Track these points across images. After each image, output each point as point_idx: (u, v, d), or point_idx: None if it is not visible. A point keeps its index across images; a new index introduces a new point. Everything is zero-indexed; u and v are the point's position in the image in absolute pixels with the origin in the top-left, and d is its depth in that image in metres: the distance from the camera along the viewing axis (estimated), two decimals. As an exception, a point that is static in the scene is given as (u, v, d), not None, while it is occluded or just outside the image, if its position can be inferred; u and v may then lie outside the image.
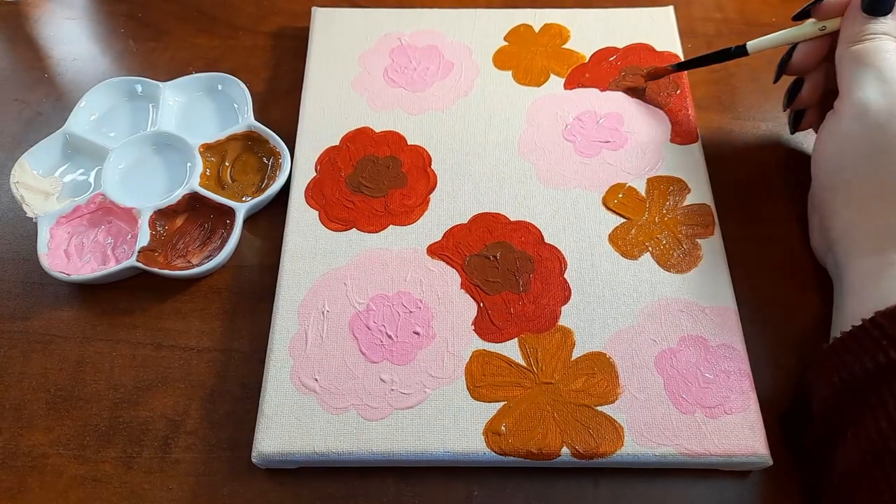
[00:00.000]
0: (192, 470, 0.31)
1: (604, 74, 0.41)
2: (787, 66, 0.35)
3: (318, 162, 0.38)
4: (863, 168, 0.31)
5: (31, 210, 0.36)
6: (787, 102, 0.37)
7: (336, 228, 0.36)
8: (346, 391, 0.31)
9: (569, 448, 0.30)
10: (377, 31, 0.43)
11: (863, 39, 0.32)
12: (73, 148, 0.39)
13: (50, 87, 0.44)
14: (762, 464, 0.30)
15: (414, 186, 0.37)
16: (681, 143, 0.39)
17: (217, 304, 0.35)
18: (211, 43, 0.46)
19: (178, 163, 0.39)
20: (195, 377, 0.33)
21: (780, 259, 0.36)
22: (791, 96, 0.36)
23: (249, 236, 0.38)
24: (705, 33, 0.45)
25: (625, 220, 0.36)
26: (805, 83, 0.36)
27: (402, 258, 0.35)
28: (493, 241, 0.35)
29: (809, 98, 0.36)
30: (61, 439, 0.32)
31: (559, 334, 0.32)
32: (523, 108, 0.40)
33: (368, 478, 0.31)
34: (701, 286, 0.34)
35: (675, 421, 0.30)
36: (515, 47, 0.43)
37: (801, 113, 0.37)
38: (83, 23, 0.47)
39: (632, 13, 0.44)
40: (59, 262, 0.35)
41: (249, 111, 0.40)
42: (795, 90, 0.36)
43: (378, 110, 0.40)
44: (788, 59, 0.35)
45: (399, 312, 0.33)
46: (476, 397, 0.31)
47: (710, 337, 0.32)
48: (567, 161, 0.38)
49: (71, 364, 0.34)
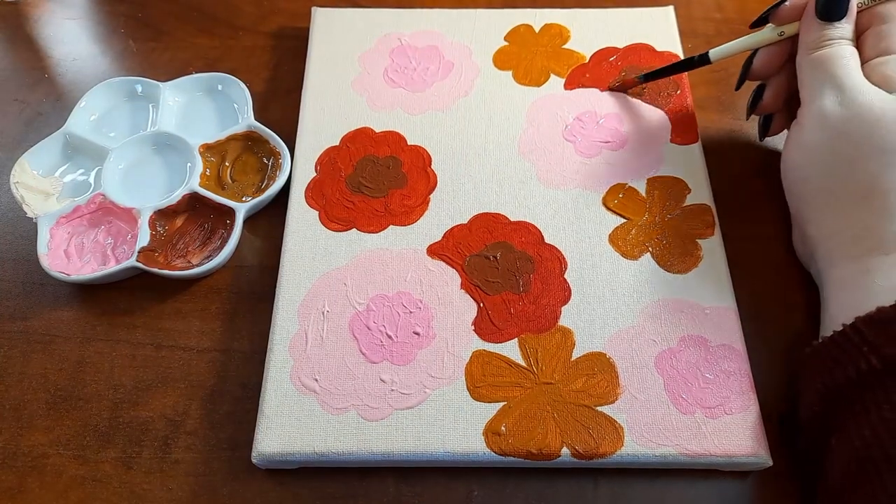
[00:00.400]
0: (192, 470, 0.31)
1: (604, 74, 0.41)
2: (749, 72, 0.36)
3: (318, 162, 0.38)
4: (829, 178, 0.31)
5: (31, 210, 0.36)
6: (751, 109, 0.37)
7: (336, 228, 0.36)
8: (346, 391, 0.31)
9: (569, 448, 0.30)
10: (377, 31, 0.43)
11: (821, 46, 0.32)
12: (73, 148, 0.39)
13: (50, 87, 0.44)
14: (762, 464, 0.30)
15: (414, 186, 0.37)
16: (681, 143, 0.39)
17: (217, 304, 0.35)
18: (211, 43, 0.46)
19: (178, 163, 0.39)
20: (195, 377, 0.33)
21: (780, 259, 0.36)
22: (754, 103, 0.36)
23: (249, 236, 0.38)
24: (705, 33, 0.45)
25: (625, 220, 0.36)
26: (767, 88, 0.36)
27: (402, 258, 0.35)
28: (493, 242, 0.35)
29: (773, 103, 0.36)
30: (61, 439, 0.32)
31: (559, 334, 0.32)
32: (523, 109, 0.40)
33: (368, 478, 0.31)
34: (701, 286, 0.34)
35: (675, 421, 0.30)
36: (515, 47, 0.43)
37: (770, 118, 0.37)
38: (83, 23, 0.47)
39: (632, 13, 0.44)
40: (59, 262, 0.35)
41: (249, 111, 0.40)
42: (758, 96, 0.36)
43: (378, 110, 0.40)
44: (749, 65, 0.35)
45: (399, 313, 0.33)
46: (476, 397, 0.31)
47: (710, 337, 0.32)
48: (567, 161, 0.38)
49: (71, 364, 0.34)
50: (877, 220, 0.29)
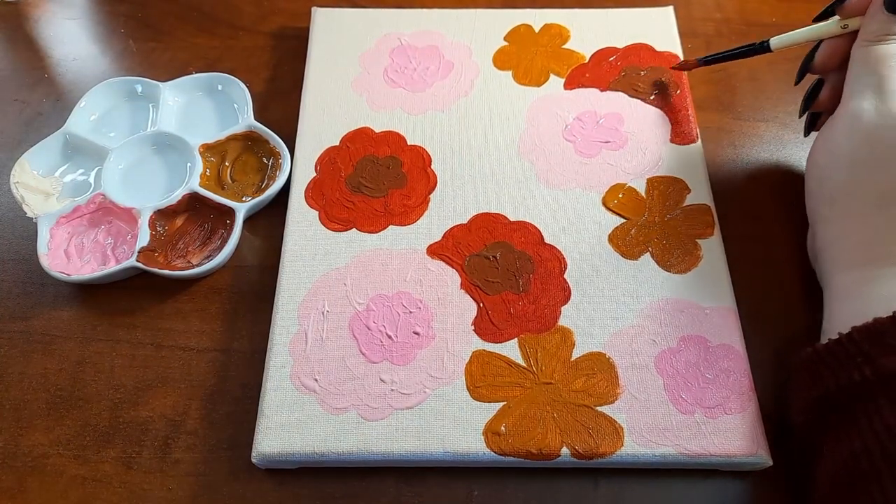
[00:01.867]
0: (192, 470, 0.31)
1: (604, 74, 0.41)
2: (811, 64, 0.34)
3: (318, 162, 0.38)
4: (850, 181, 0.30)
5: (31, 210, 0.36)
6: (805, 106, 0.35)
7: (336, 228, 0.36)
8: (346, 391, 0.31)
9: (569, 448, 0.30)
10: (377, 31, 0.43)
11: (880, 39, 0.31)
12: (73, 148, 0.39)
13: (50, 87, 0.44)
14: (762, 464, 0.30)
15: (414, 186, 0.37)
16: (681, 143, 0.39)
17: (217, 304, 0.35)
18: (211, 43, 0.46)
19: (178, 163, 0.39)
20: (195, 377, 0.33)
21: (780, 259, 0.36)
22: (810, 99, 0.35)
23: (249, 236, 0.38)
24: (705, 33, 0.45)
25: (625, 220, 0.36)
26: (825, 85, 0.34)
27: (401, 258, 0.35)
28: (493, 242, 0.35)
29: (828, 101, 0.34)
30: (61, 439, 0.32)
31: (559, 334, 0.32)
32: (523, 109, 0.40)
33: (368, 478, 0.31)
34: (701, 286, 0.34)
35: (675, 421, 0.30)
36: (515, 47, 0.43)
37: (818, 116, 0.36)
38: (83, 23, 0.47)
39: (632, 13, 0.44)
40: (59, 262, 0.35)
41: (249, 111, 0.40)
42: (815, 93, 0.35)
43: (378, 110, 0.40)
44: (812, 57, 0.34)
45: (399, 312, 0.33)
46: (476, 397, 0.31)
47: (710, 337, 0.32)
48: (567, 161, 0.38)
49: (71, 364, 0.34)
50: (889, 229, 0.29)
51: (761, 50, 0.36)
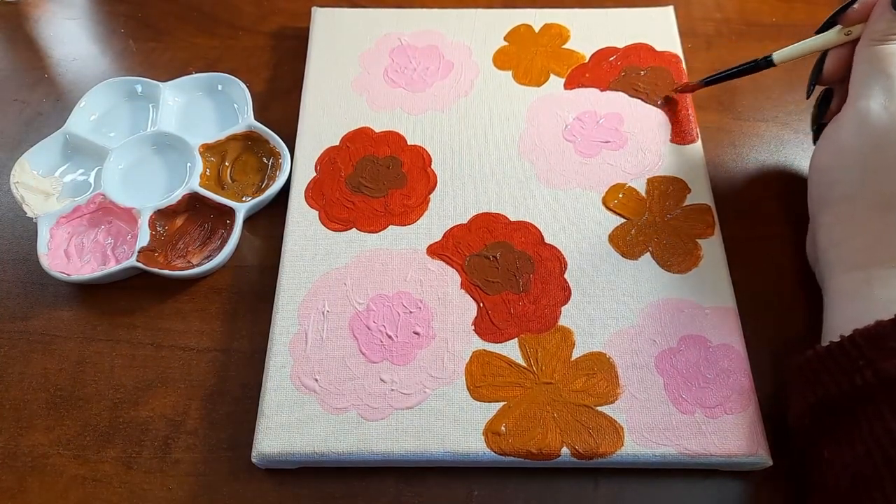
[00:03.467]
0: (192, 470, 0.31)
1: (604, 74, 0.41)
2: (820, 76, 0.33)
3: (318, 162, 0.38)
4: (855, 183, 0.30)
5: (31, 210, 0.36)
6: (817, 117, 0.35)
7: (336, 228, 0.36)
8: (346, 391, 0.31)
9: (569, 448, 0.30)
10: (377, 31, 0.43)
11: (887, 39, 0.30)
12: (73, 148, 0.39)
13: (50, 87, 0.44)
14: (762, 464, 0.30)
15: (414, 186, 0.37)
16: (681, 143, 0.39)
17: (217, 304, 0.35)
18: (211, 43, 0.46)
19: (178, 163, 0.39)
20: (195, 377, 0.33)
21: (780, 259, 0.36)
22: (821, 110, 0.34)
23: (249, 236, 0.38)
24: (705, 33, 0.45)
25: (625, 220, 0.36)
26: (835, 95, 0.34)
27: (402, 258, 0.35)
28: (493, 241, 0.35)
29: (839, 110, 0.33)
30: (61, 439, 0.32)
31: (559, 334, 0.32)
32: (523, 108, 0.40)
33: (368, 478, 0.31)
34: (701, 286, 0.34)
35: (675, 421, 0.30)
36: (515, 47, 0.43)
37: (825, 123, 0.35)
38: (83, 23, 0.47)
39: (632, 13, 0.44)
40: (59, 262, 0.35)
41: (249, 111, 0.40)
42: (826, 103, 0.34)
43: (378, 110, 0.40)
44: (819, 70, 0.34)
45: (399, 312, 0.33)
46: (476, 397, 0.31)
47: (710, 337, 0.32)
48: (567, 161, 0.38)
49: (71, 364, 0.34)
50: (893, 231, 0.29)
51: (765, 65, 0.36)
